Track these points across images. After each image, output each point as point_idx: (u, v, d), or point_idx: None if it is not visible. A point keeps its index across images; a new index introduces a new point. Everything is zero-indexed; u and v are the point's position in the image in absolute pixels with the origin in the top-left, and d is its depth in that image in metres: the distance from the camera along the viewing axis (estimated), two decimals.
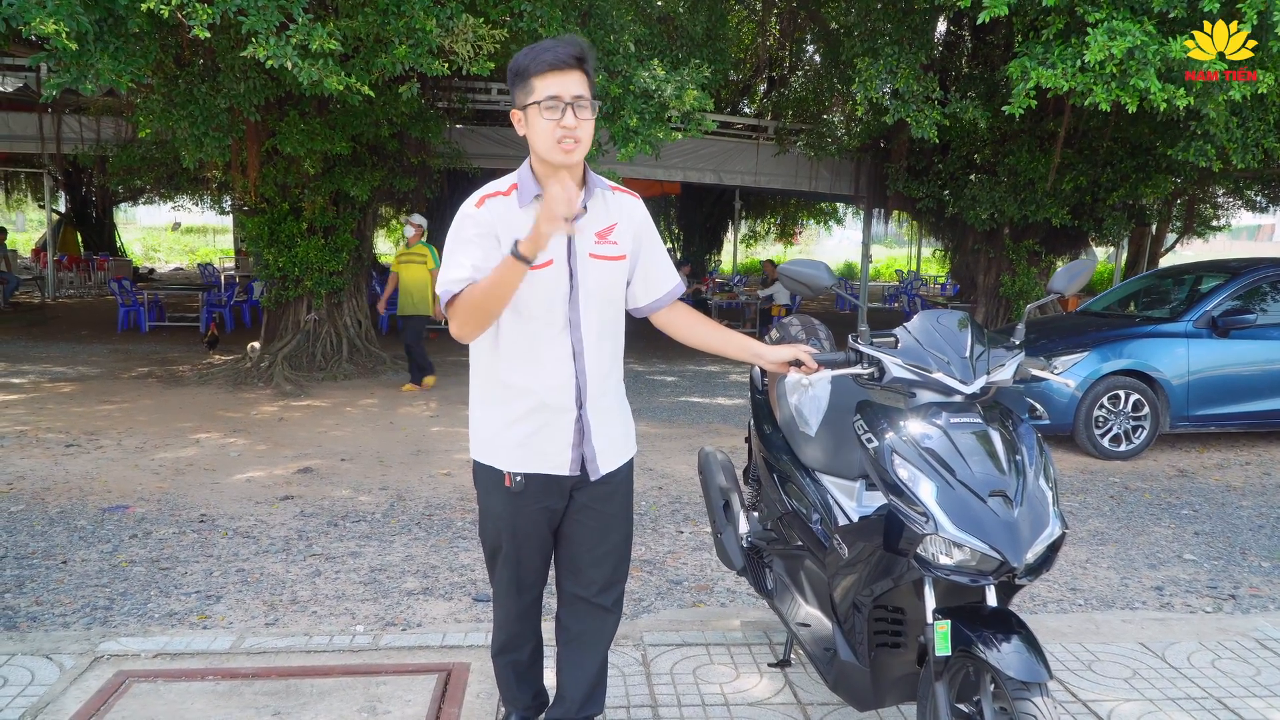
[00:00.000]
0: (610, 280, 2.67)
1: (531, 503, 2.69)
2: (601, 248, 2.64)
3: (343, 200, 11.58)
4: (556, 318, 2.59)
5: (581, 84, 2.45)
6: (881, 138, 15.39)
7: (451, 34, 7.29)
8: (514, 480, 2.66)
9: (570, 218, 2.30)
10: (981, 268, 15.10)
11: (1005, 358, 2.70)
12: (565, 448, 2.67)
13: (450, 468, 7.17)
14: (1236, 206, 22.05)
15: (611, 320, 2.72)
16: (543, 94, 2.43)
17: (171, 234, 44.78)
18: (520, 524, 2.72)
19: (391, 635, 4.07)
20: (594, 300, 2.64)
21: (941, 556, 2.41)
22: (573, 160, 2.49)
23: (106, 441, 7.75)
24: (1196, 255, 27.03)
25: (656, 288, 2.83)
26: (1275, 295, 8.74)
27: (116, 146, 14.88)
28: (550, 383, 2.62)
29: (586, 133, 2.48)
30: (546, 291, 2.57)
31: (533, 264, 2.36)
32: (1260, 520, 6.35)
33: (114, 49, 6.91)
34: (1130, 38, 7.00)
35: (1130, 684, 3.67)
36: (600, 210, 2.66)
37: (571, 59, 2.44)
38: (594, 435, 2.69)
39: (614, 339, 2.75)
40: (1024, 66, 7.82)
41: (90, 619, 4.32)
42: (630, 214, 2.73)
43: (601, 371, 2.70)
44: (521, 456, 2.66)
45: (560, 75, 2.43)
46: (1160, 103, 7.41)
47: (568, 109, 2.43)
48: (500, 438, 2.68)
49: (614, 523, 2.82)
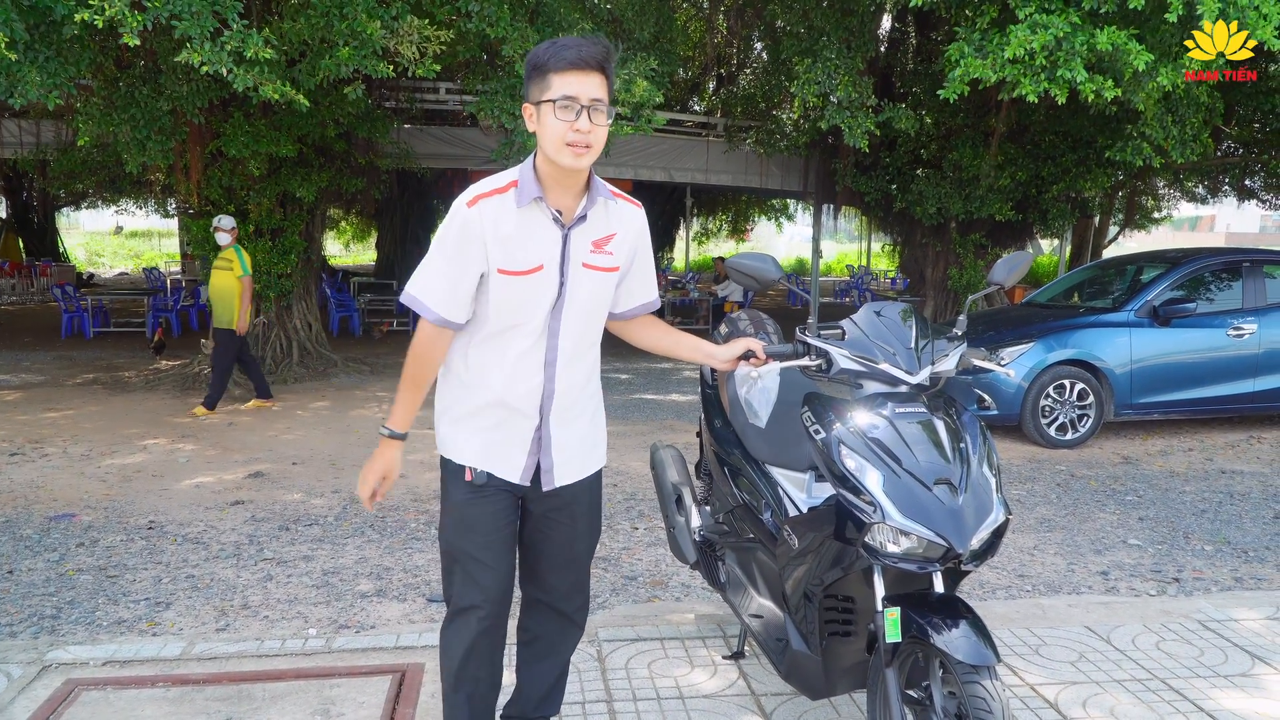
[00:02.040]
0: (600, 292, 2.58)
1: (494, 497, 2.59)
2: (597, 257, 2.53)
3: (290, 202, 11.44)
4: (535, 324, 2.50)
5: (601, 87, 2.34)
6: (829, 134, 15.53)
7: (396, 35, 7.24)
8: (475, 473, 2.56)
9: (366, 498, 2.58)
10: (930, 261, 15.28)
11: (948, 349, 2.74)
12: (520, 454, 2.57)
13: (403, 469, 7.11)
14: (1177, 198, 22.52)
15: (592, 331, 2.63)
16: (559, 92, 2.31)
17: (115, 238, 44.03)
18: (478, 520, 2.59)
19: (345, 638, 4.04)
20: (579, 311, 2.54)
21: (889, 544, 2.45)
22: (581, 166, 2.37)
23: (52, 449, 7.61)
24: (1139, 246, 27.54)
25: (633, 298, 2.75)
26: (1214, 284, 8.95)
27: (57, 150, 14.59)
28: (517, 388, 2.53)
29: (599, 139, 2.36)
30: (531, 297, 2.47)
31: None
32: (1202, 505, 6.49)
33: (44, 59, 6.78)
34: (1053, 30, 7.12)
35: (1076, 667, 3.74)
36: (600, 219, 2.54)
37: (594, 60, 2.32)
38: (554, 447, 2.60)
39: (592, 349, 2.66)
40: (961, 51, 7.92)
41: (38, 628, 4.25)
42: (630, 224, 2.62)
43: (575, 383, 2.61)
44: (480, 453, 2.57)
45: (580, 75, 2.31)
46: (1088, 93, 7.55)
47: (584, 112, 2.31)
48: (460, 430, 2.59)
49: (577, 535, 2.74)
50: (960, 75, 7.88)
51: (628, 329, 2.85)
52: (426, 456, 7.46)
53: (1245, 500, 6.61)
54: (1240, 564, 5.30)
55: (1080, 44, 7.22)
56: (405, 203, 22.00)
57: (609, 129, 2.42)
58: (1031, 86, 7.57)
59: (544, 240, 2.45)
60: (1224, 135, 14.54)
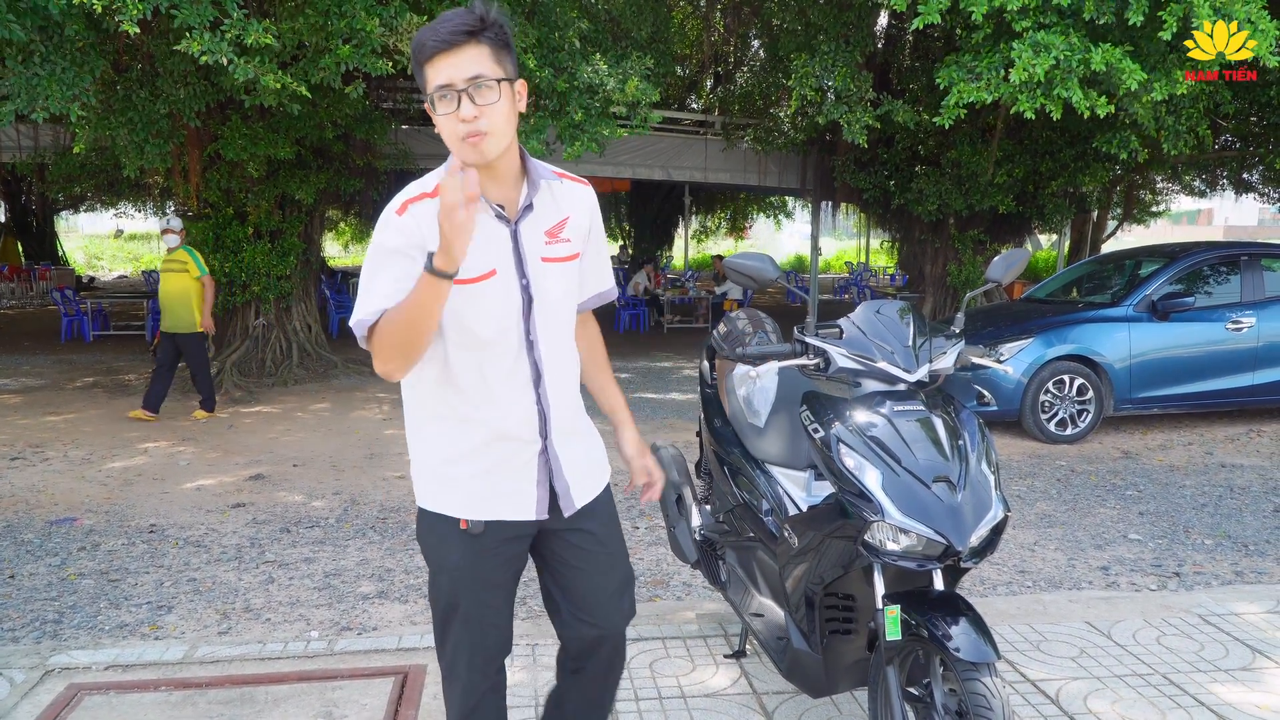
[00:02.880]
0: (566, 285, 2.28)
1: (492, 544, 2.26)
2: (554, 248, 2.23)
3: (288, 203, 11.46)
4: (511, 339, 2.19)
5: (480, 60, 2.00)
6: (827, 131, 15.52)
7: (396, 33, 7.24)
8: (472, 523, 2.23)
9: (468, 202, 1.85)
10: (928, 258, 15.29)
11: (946, 346, 2.75)
12: (529, 485, 2.26)
13: (403, 470, 7.13)
14: (1175, 192, 22.52)
15: (569, 332, 2.34)
16: (433, 85, 2.01)
17: (114, 241, 44.01)
18: (482, 573, 2.27)
19: (347, 640, 4.05)
20: (552, 313, 2.24)
21: (888, 543, 2.46)
22: (486, 157, 2.05)
23: (52, 453, 7.62)
24: (1138, 240, 27.55)
25: (585, 288, 2.41)
26: (1212, 278, 8.95)
27: (55, 154, 14.59)
28: (511, 414, 2.23)
29: (496, 120, 2.02)
30: (495, 308, 2.16)
31: (455, 277, 1.95)
32: (1203, 499, 6.50)
33: (61, 70, 6.80)
34: (1055, 51, 7.15)
35: (1077, 662, 3.75)
36: (548, 204, 2.24)
37: (462, 31, 1.98)
38: (565, 467, 2.30)
39: (573, 352, 2.37)
40: (951, 76, 7.96)
41: (40, 633, 4.25)
42: (580, 204, 2.31)
43: (567, 392, 2.32)
44: (477, 499, 2.24)
45: (450, 56, 1.99)
46: (1084, 109, 7.58)
47: (461, 96, 1.99)
48: (448, 476, 2.25)
49: (614, 554, 2.43)
50: (955, 101, 7.91)
51: (580, 331, 2.48)
52: None
53: (1245, 494, 6.61)
54: (1240, 558, 5.31)
55: (1076, 64, 7.25)
56: None
57: (511, 105, 2.07)
58: (1029, 104, 7.59)
59: (490, 240, 2.14)
60: (1222, 129, 14.53)
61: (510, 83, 2.06)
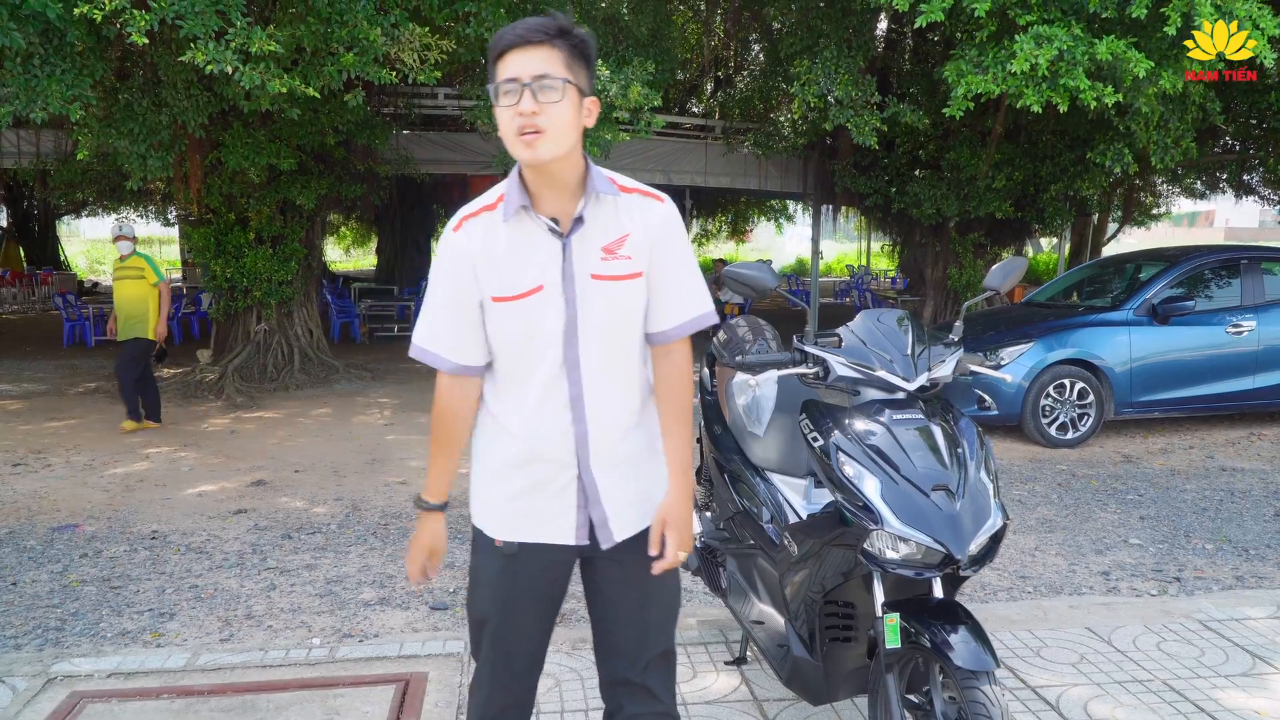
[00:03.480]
0: (622, 305, 2.13)
1: (530, 566, 2.21)
2: (609, 265, 2.10)
3: (290, 209, 11.48)
4: (550, 357, 2.11)
5: (550, 61, 1.97)
6: (828, 135, 15.54)
7: (397, 43, 7.26)
8: (505, 542, 2.20)
9: (416, 581, 2.29)
10: (929, 261, 15.30)
11: (945, 354, 2.76)
12: (568, 510, 2.18)
13: (405, 475, 7.14)
14: (1176, 194, 22.53)
15: (627, 355, 2.18)
16: (501, 77, 1.99)
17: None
18: (515, 594, 2.22)
19: (348, 647, 4.05)
20: (600, 333, 2.12)
21: (888, 551, 2.46)
22: (538, 156, 1.99)
23: (54, 459, 7.63)
24: (1139, 243, 27.56)
25: (661, 316, 2.19)
26: (1213, 282, 8.96)
27: (57, 161, 14.62)
28: (545, 434, 2.15)
29: (555, 120, 1.97)
30: (535, 325, 2.09)
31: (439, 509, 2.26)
32: (1203, 503, 6.50)
33: (60, 72, 6.81)
34: (1057, 42, 7.17)
35: (1078, 668, 3.75)
36: (607, 218, 2.12)
37: (539, 32, 1.98)
38: (604, 497, 2.18)
39: (631, 377, 2.20)
40: (959, 70, 7.96)
41: (42, 640, 4.26)
42: (647, 220, 2.14)
43: (614, 419, 2.18)
44: (513, 520, 2.20)
45: (523, 53, 1.97)
46: (1090, 100, 7.59)
47: (524, 91, 1.95)
48: (490, 495, 2.23)
49: (649, 596, 2.27)
50: (963, 92, 7.91)
51: (655, 365, 2.27)
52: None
53: (1246, 498, 6.62)
54: (1241, 562, 5.31)
55: (1081, 54, 7.26)
56: (405, 207, 22.04)
57: (575, 112, 2.02)
58: (1035, 97, 7.60)
59: (541, 255, 2.09)
60: (1221, 132, 14.54)
61: (578, 90, 2.01)
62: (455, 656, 3.90)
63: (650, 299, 2.17)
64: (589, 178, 2.11)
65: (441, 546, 2.31)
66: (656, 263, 2.15)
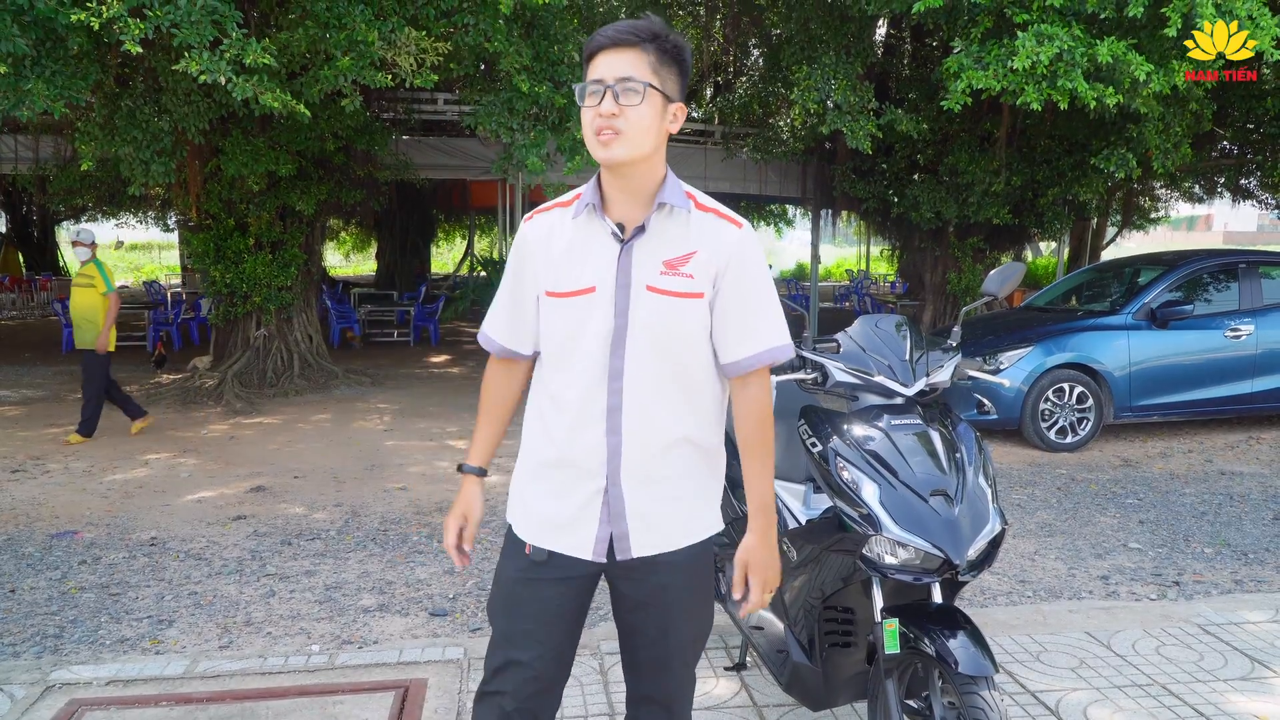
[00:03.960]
0: (675, 323, 2.07)
1: (553, 577, 2.17)
2: (668, 280, 2.06)
3: (289, 214, 11.48)
4: (593, 362, 2.08)
5: (636, 64, 1.98)
6: (826, 140, 15.56)
7: (394, 47, 7.27)
8: (534, 548, 2.17)
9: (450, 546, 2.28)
10: (928, 266, 15.32)
11: (943, 359, 2.77)
12: (590, 521, 2.13)
13: (405, 481, 7.14)
14: (1174, 198, 22.55)
15: (679, 375, 2.11)
16: (589, 78, 2.02)
17: (115, 252, 44.13)
18: (533, 602, 2.17)
19: (348, 654, 4.05)
20: (648, 347, 2.07)
21: (887, 556, 2.47)
22: (613, 156, 2.00)
23: (53, 465, 7.63)
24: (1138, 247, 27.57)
25: (730, 346, 2.13)
26: (1211, 286, 8.98)
27: (56, 167, 14.62)
28: (578, 440, 2.11)
29: (634, 123, 1.98)
30: (582, 326, 2.08)
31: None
32: (1202, 507, 6.50)
33: (50, 72, 6.82)
34: (1058, 42, 7.18)
35: (1077, 673, 3.76)
36: (676, 232, 2.09)
37: (630, 34, 1.99)
38: (629, 512, 2.11)
39: (683, 397, 2.13)
40: (960, 64, 7.97)
41: (40, 648, 4.26)
42: (719, 241, 2.09)
43: (653, 436, 2.11)
44: (539, 524, 2.18)
45: (612, 55, 1.99)
46: (1090, 100, 7.60)
47: (607, 92, 1.97)
48: (524, 492, 2.23)
49: (671, 622, 2.19)
50: (963, 86, 7.91)
51: (733, 397, 2.21)
52: (428, 469, 7.48)
53: (1245, 502, 6.62)
54: (1240, 566, 5.31)
55: (1080, 56, 7.28)
56: (405, 213, 22.07)
57: (656, 117, 2.02)
58: (1035, 95, 7.61)
59: (597, 256, 2.09)
60: (1219, 136, 14.56)
61: (662, 95, 2.02)
62: (455, 663, 3.90)
63: (721, 326, 2.11)
64: (664, 188, 2.08)
65: (477, 514, 2.30)
66: (727, 289, 2.09)
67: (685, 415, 2.14)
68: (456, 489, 2.31)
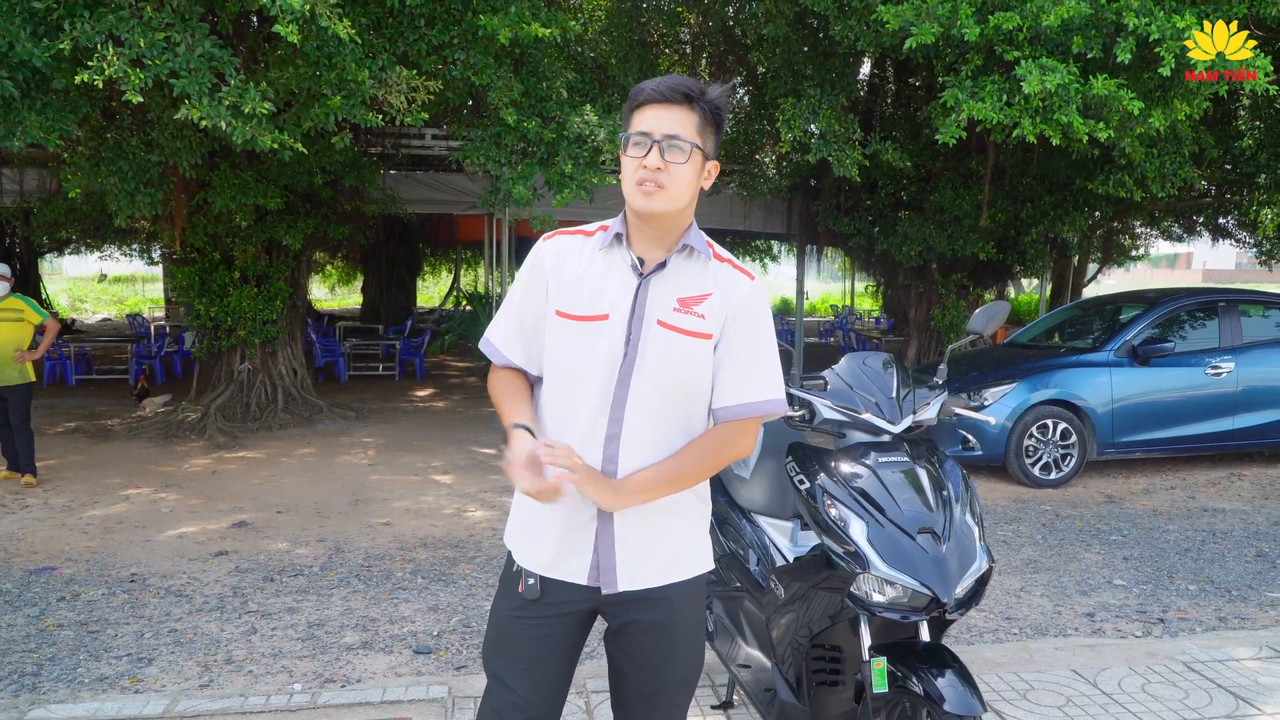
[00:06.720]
0: (679, 358, 2.12)
1: (547, 615, 2.18)
2: (679, 317, 2.13)
3: (275, 248, 11.47)
4: (598, 389, 2.12)
5: (684, 123, 2.07)
6: (811, 176, 15.67)
7: (385, 85, 7.31)
8: (527, 584, 2.18)
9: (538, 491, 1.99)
10: (912, 302, 15.41)
11: (929, 397, 2.79)
12: (585, 549, 2.15)
13: (389, 516, 7.09)
14: (1154, 237, 22.76)
15: (677, 414, 2.16)
16: (634, 129, 2.09)
17: (99, 284, 43.91)
18: (524, 641, 2.18)
19: (330, 692, 4.01)
20: (653, 380, 2.11)
21: (874, 594, 2.47)
22: (653, 207, 2.08)
23: (33, 500, 7.55)
24: (1119, 285, 27.80)
25: (724, 391, 2.17)
26: (1191, 324, 9.07)
27: (41, 200, 14.58)
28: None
29: (677, 180, 2.07)
30: (592, 352, 2.12)
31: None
32: (1186, 544, 6.52)
33: (41, 105, 6.82)
34: (1059, 75, 7.31)
35: (1064, 711, 3.75)
36: (693, 273, 2.17)
37: (677, 93, 2.08)
38: (618, 543, 2.14)
39: (678, 436, 2.16)
40: (956, 97, 8.06)
41: (18, 685, 4.20)
42: (732, 289, 2.17)
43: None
44: (534, 549, 2.19)
45: (659, 110, 2.07)
46: (1082, 134, 7.70)
47: (654, 147, 2.05)
48: (523, 516, 2.25)
49: (660, 661, 2.20)
50: (960, 119, 8.00)
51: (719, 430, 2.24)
52: (413, 504, 7.44)
53: (1228, 538, 6.65)
54: (1224, 603, 5.33)
55: (1074, 91, 7.40)
56: (391, 246, 22.08)
57: (696, 174, 2.12)
58: (1030, 128, 7.71)
59: (617, 288, 2.15)
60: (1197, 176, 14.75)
61: (704, 155, 2.12)
62: (439, 702, 3.86)
63: (718, 373, 2.17)
64: (688, 233, 2.18)
65: (531, 448, 2.03)
66: (730, 336, 2.16)
67: (675, 451, 2.17)
68: (440, 525, 2.29)
